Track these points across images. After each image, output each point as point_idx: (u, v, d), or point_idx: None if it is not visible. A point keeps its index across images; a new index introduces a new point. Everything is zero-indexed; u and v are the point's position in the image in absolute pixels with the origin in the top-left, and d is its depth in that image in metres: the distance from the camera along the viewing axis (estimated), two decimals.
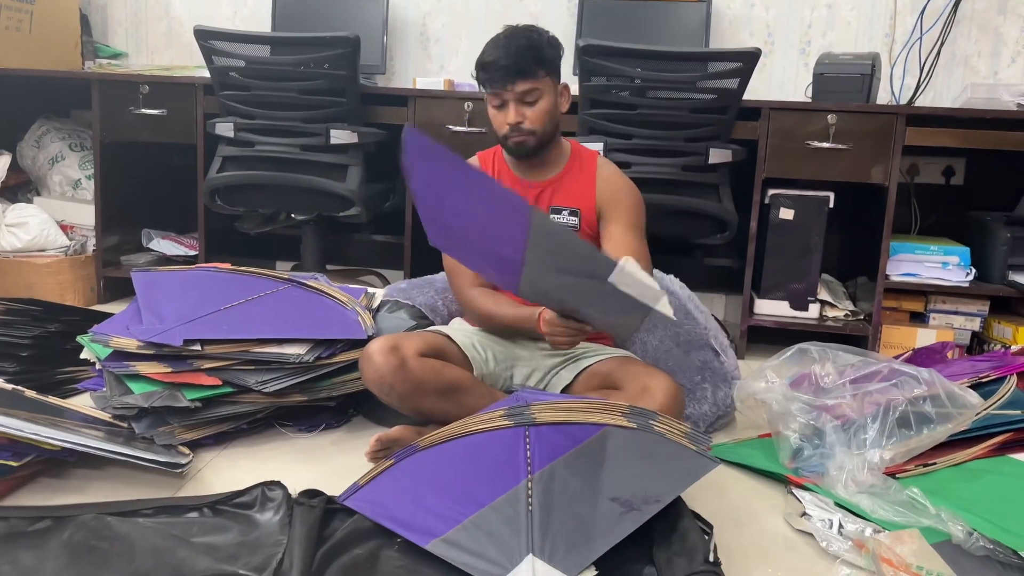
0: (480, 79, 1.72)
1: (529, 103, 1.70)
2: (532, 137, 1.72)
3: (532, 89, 1.69)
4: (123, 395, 1.66)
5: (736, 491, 1.62)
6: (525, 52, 1.67)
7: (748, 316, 2.64)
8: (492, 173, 1.83)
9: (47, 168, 3.05)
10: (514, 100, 1.69)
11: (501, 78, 1.68)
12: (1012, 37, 2.89)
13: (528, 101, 1.70)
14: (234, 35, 2.53)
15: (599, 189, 1.79)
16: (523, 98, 1.69)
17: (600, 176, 1.81)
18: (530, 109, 1.70)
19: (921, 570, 1.19)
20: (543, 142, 1.75)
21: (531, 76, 1.68)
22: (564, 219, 1.78)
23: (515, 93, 1.69)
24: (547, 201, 1.79)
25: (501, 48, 1.67)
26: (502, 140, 1.76)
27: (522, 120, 1.70)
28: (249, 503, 1.40)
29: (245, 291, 1.94)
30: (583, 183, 1.79)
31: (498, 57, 1.67)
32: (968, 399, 1.58)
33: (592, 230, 1.78)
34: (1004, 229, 2.52)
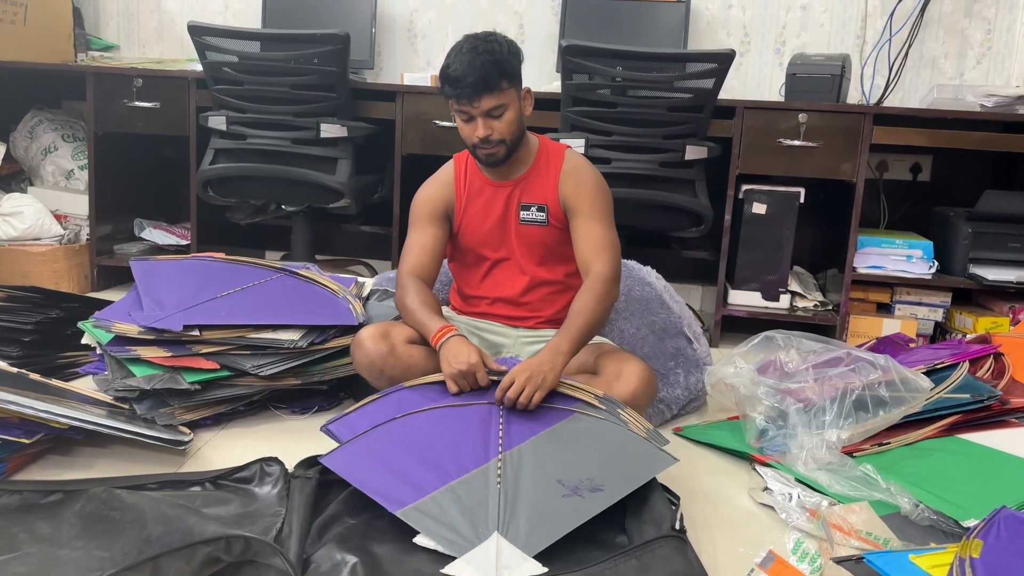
0: (445, 93, 1.73)
1: (496, 116, 1.73)
2: (502, 147, 1.76)
3: (497, 105, 1.71)
4: (125, 378, 1.74)
5: (705, 469, 1.73)
6: (490, 68, 1.68)
7: (722, 306, 2.75)
8: (464, 175, 1.88)
9: (40, 158, 3.11)
10: (481, 115, 1.72)
11: (468, 95, 1.69)
12: (977, 40, 3.01)
13: (495, 115, 1.72)
14: (227, 31, 2.60)
15: (561, 183, 1.83)
16: (490, 112, 1.72)
17: (564, 170, 1.84)
18: (497, 122, 1.73)
19: (869, 536, 1.30)
20: (513, 148, 1.79)
21: (496, 91, 1.70)
22: (533, 215, 1.84)
23: (482, 108, 1.71)
24: (517, 199, 1.85)
25: (466, 64, 1.68)
26: (472, 150, 1.81)
27: (491, 133, 1.73)
28: (248, 478, 1.50)
29: (241, 279, 2.03)
30: (549, 178, 1.85)
31: (463, 74, 1.68)
32: (920, 384, 1.69)
33: (559, 223, 1.85)
34: (966, 224, 2.64)
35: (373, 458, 1.46)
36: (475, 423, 1.54)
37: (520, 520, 1.30)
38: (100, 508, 1.32)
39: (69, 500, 1.38)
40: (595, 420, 1.54)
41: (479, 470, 1.41)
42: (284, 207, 2.88)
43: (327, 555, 1.24)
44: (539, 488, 1.37)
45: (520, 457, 1.44)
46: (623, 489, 1.37)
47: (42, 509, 1.37)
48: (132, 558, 1.15)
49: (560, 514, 1.31)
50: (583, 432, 1.51)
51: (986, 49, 3.01)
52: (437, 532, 1.29)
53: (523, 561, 1.24)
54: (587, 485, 1.37)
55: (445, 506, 1.33)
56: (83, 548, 1.25)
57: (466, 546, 1.26)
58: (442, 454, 1.46)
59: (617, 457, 1.46)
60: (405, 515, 1.32)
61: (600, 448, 1.48)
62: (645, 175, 2.48)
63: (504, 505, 1.33)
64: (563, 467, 1.42)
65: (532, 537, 1.27)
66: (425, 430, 1.53)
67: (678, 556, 1.19)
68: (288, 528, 1.30)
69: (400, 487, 1.38)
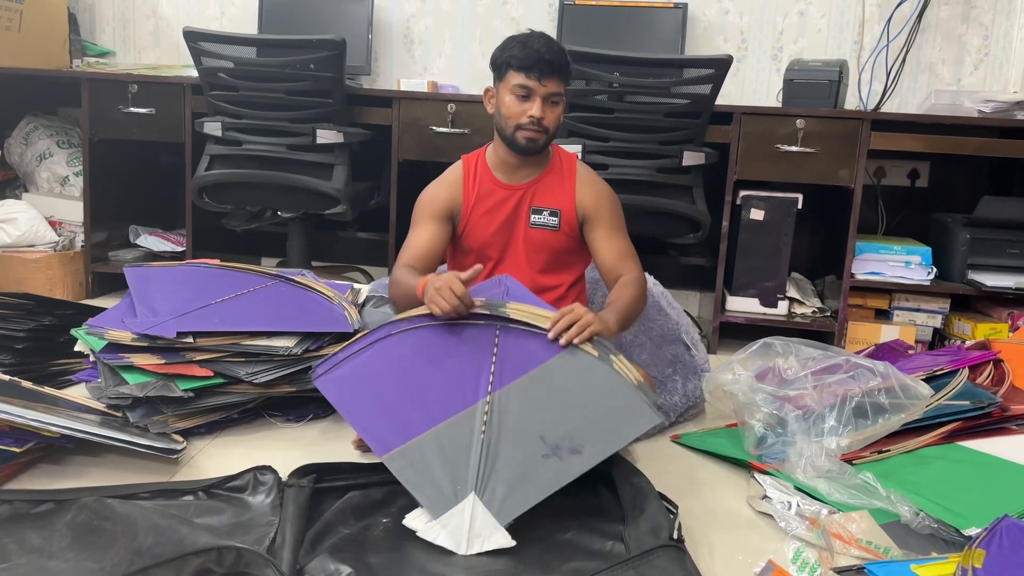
0: (511, 63, 1.73)
1: (554, 103, 1.77)
2: (545, 136, 1.78)
3: (559, 92, 1.76)
4: (118, 385, 1.73)
5: (703, 476, 1.71)
6: (563, 55, 1.75)
7: (720, 312, 2.74)
8: (474, 176, 1.88)
9: (35, 165, 3.09)
10: (542, 96, 1.74)
11: (541, 70, 1.72)
12: (975, 45, 3.01)
13: (554, 101, 1.76)
14: (222, 37, 2.59)
15: (579, 194, 1.86)
16: (551, 97, 1.75)
17: (580, 180, 1.87)
18: (551, 109, 1.76)
19: (870, 544, 1.29)
20: (549, 143, 1.83)
21: (562, 78, 1.76)
22: (545, 219, 1.85)
23: (546, 90, 1.74)
24: (528, 202, 1.86)
25: (544, 44, 1.73)
26: (512, 130, 1.77)
27: (543, 116, 1.75)
28: (242, 487, 1.48)
29: (235, 286, 2.01)
30: (564, 185, 1.86)
31: (541, 50, 1.72)
32: (920, 391, 1.68)
33: (571, 230, 1.86)
34: (964, 230, 2.64)
35: (364, 386, 1.48)
36: (471, 348, 1.53)
37: (498, 482, 1.34)
38: (91, 518, 1.30)
39: (60, 510, 1.36)
40: (588, 358, 1.51)
41: (465, 413, 1.43)
42: (280, 213, 2.87)
43: (321, 566, 1.23)
44: (520, 445, 1.39)
45: (508, 401, 1.45)
46: (602, 452, 1.40)
47: (33, 519, 1.35)
48: (123, 569, 1.14)
49: (538, 478, 1.35)
50: (574, 374, 1.50)
51: (983, 55, 3.01)
52: (418, 485, 1.34)
53: (494, 530, 1.29)
54: (567, 446, 1.39)
55: (428, 455, 1.38)
56: (73, 559, 1.24)
57: (443, 504, 1.31)
58: (433, 384, 1.47)
59: (603, 410, 1.45)
60: (390, 460, 1.38)
61: (588, 397, 1.47)
62: (642, 181, 2.47)
63: (484, 461, 1.36)
64: (547, 420, 1.43)
65: (507, 503, 1.32)
66: (421, 352, 1.54)
67: (676, 566, 1.18)
68: (281, 538, 1.29)
69: (387, 428, 1.43)
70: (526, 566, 1.27)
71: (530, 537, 1.35)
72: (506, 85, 1.76)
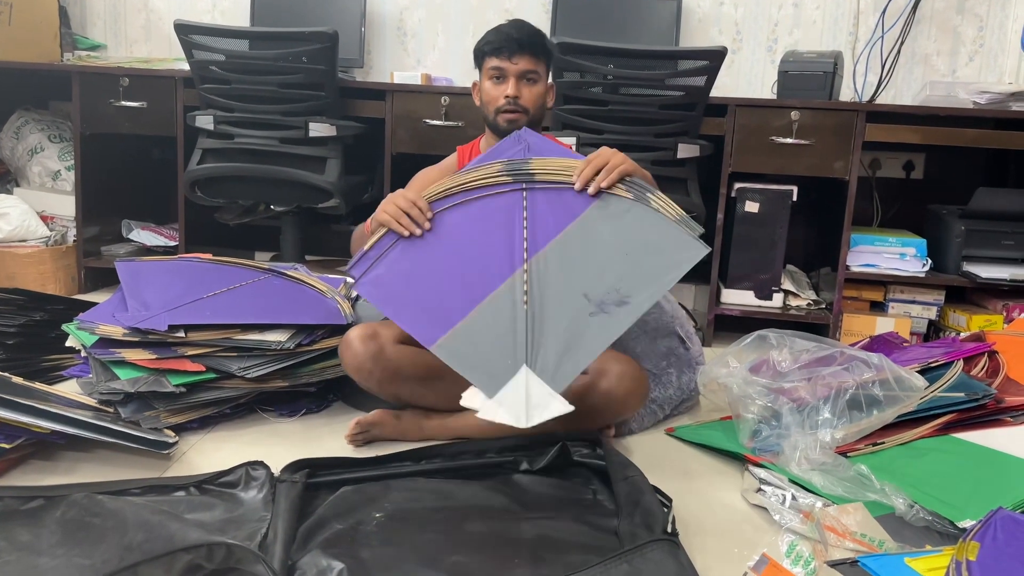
0: (484, 49, 1.78)
1: (529, 81, 1.77)
2: (524, 116, 1.79)
3: (533, 70, 1.77)
4: (109, 381, 1.72)
5: (697, 469, 1.71)
6: (535, 34, 1.77)
7: (715, 305, 2.74)
8: (466, 164, 1.89)
9: (26, 159, 3.07)
10: (515, 75, 1.76)
11: (509, 48, 1.75)
12: (970, 37, 3.00)
13: (529, 78, 1.77)
14: (214, 29, 2.57)
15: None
16: (524, 75, 1.77)
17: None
18: (527, 88, 1.77)
19: (864, 537, 1.28)
20: (532, 126, 1.80)
21: (535, 56, 1.76)
22: None
23: (518, 68, 1.76)
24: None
25: (513, 26, 1.77)
26: (494, 115, 1.80)
27: (519, 95, 1.77)
28: (233, 482, 1.47)
29: (227, 280, 2.00)
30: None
31: (511, 30, 1.76)
32: (915, 382, 1.67)
33: None
34: (959, 222, 2.63)
35: (401, 282, 1.47)
36: (500, 218, 1.50)
37: (548, 350, 1.31)
38: (81, 514, 1.29)
39: (50, 506, 1.35)
40: (623, 202, 1.48)
41: (504, 286, 1.40)
42: (273, 207, 2.85)
43: (313, 561, 1.22)
44: (565, 308, 1.36)
45: (545, 265, 1.42)
46: (651, 297, 1.38)
47: (22, 516, 1.34)
48: (113, 565, 1.12)
49: (587, 339, 1.32)
50: (610, 221, 1.46)
51: (978, 46, 3.00)
52: (469, 368, 1.32)
53: (551, 399, 1.26)
54: (613, 299, 1.36)
55: (474, 337, 1.35)
56: (63, 555, 1.23)
57: (497, 383, 1.29)
58: (468, 264, 1.45)
59: (645, 253, 1.42)
60: (437, 350, 1.36)
61: (627, 243, 1.43)
62: None
63: (531, 332, 1.33)
64: (588, 276, 1.39)
65: (560, 370, 1.30)
66: (450, 234, 1.52)
67: (670, 559, 1.17)
68: (273, 534, 1.28)
69: (429, 319, 1.40)
70: (520, 560, 1.26)
71: (523, 531, 1.35)
72: (484, 72, 1.79)
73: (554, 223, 1.47)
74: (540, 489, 1.52)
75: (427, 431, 1.72)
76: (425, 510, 1.41)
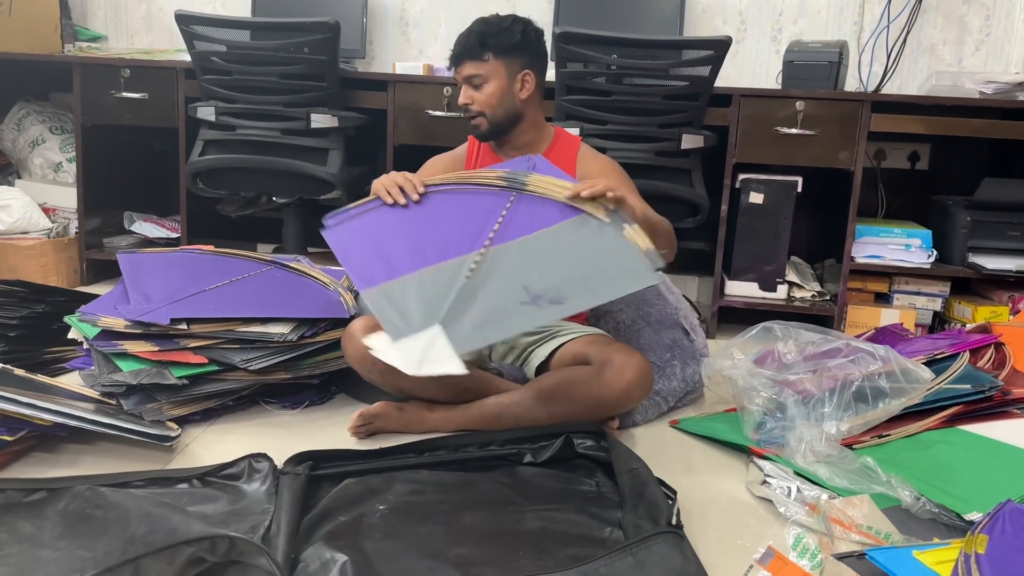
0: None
1: (475, 86, 1.79)
2: (483, 120, 1.81)
3: (476, 73, 1.78)
4: (112, 373, 1.71)
5: (702, 461, 1.70)
6: (474, 36, 1.77)
7: (719, 297, 2.72)
8: (476, 154, 1.91)
9: (28, 151, 3.06)
10: (463, 82, 1.81)
11: (453, 60, 1.81)
12: (976, 26, 2.97)
13: (475, 84, 1.79)
14: (215, 20, 2.55)
15: (580, 167, 1.85)
16: (470, 81, 1.79)
17: (581, 156, 1.88)
18: (476, 92, 1.79)
19: (870, 530, 1.28)
20: (497, 125, 1.82)
21: (475, 59, 1.77)
22: None
23: (463, 76, 1.80)
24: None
25: (463, 32, 1.80)
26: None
27: (470, 101, 1.80)
28: (236, 474, 1.46)
29: (229, 272, 1.99)
30: (563, 161, 1.84)
31: (459, 40, 1.80)
32: (921, 374, 1.67)
33: None
34: (964, 213, 2.62)
35: (366, 236, 1.51)
36: (480, 211, 1.54)
37: (467, 318, 1.33)
38: (83, 507, 1.28)
39: (52, 498, 1.34)
40: (598, 223, 1.49)
41: (456, 260, 1.43)
42: (275, 199, 2.84)
43: (316, 553, 1.21)
44: (502, 290, 1.38)
45: (502, 256, 1.45)
46: (583, 304, 1.41)
47: (24, 508, 1.33)
48: (115, 558, 1.12)
49: (508, 320, 1.34)
50: (579, 236, 1.48)
51: (985, 35, 2.98)
52: (387, 316, 1.34)
53: (448, 359, 1.27)
54: (549, 296, 1.37)
55: (408, 292, 1.38)
56: (65, 548, 1.22)
57: (406, 332, 1.31)
58: (432, 238, 1.49)
59: (598, 269, 1.43)
60: (368, 296, 1.38)
61: (586, 257, 1.45)
62: (641, 164, 2.45)
63: (460, 300, 1.35)
64: (538, 273, 1.41)
65: (469, 336, 1.31)
66: (432, 212, 1.56)
67: (675, 552, 1.16)
68: (276, 526, 1.27)
69: (376, 267, 1.44)
70: (524, 552, 1.26)
71: (527, 523, 1.34)
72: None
73: (527, 226, 1.51)
74: (543, 482, 1.51)
75: (430, 423, 1.72)
76: (428, 502, 1.41)
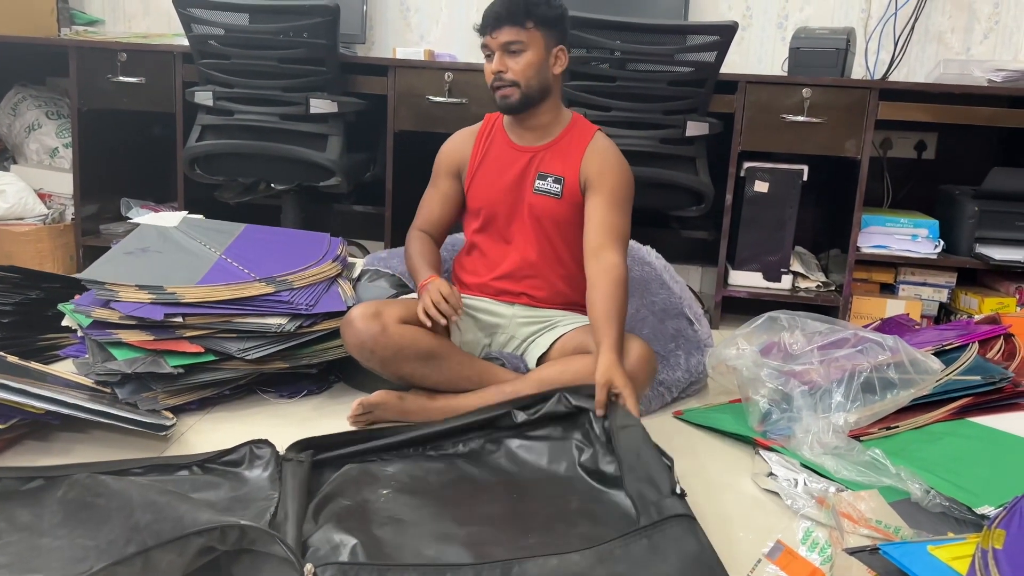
0: (476, 30, 1.76)
1: (513, 52, 1.71)
2: (516, 90, 1.73)
3: (516, 40, 1.70)
4: (106, 361, 1.68)
5: (707, 453, 1.67)
6: (518, 3, 1.69)
7: (723, 287, 2.69)
8: (488, 133, 1.87)
9: (23, 136, 3.02)
10: (499, 49, 1.72)
11: (490, 24, 1.71)
12: (985, 14, 2.93)
13: (512, 50, 1.71)
14: (213, 3, 2.51)
15: (586, 160, 1.79)
16: (507, 47, 1.71)
17: (591, 148, 1.81)
18: (513, 59, 1.71)
19: (879, 524, 1.25)
20: (529, 98, 1.75)
21: (517, 25, 1.69)
22: (548, 186, 1.80)
23: (500, 42, 1.71)
24: (536, 166, 1.81)
25: (498, 1, 1.72)
26: (494, 95, 1.77)
27: (504, 70, 1.71)
28: (237, 461, 1.44)
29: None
30: (573, 153, 1.81)
31: (493, 4, 1.72)
32: (930, 365, 1.64)
33: (573, 200, 1.79)
34: (972, 203, 2.58)
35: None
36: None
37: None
38: (83, 494, 1.26)
39: (50, 487, 1.32)
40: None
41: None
42: (273, 185, 2.81)
43: (325, 537, 1.19)
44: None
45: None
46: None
47: (22, 496, 1.31)
48: (119, 546, 1.10)
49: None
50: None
51: (994, 23, 2.93)
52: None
53: None
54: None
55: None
56: (66, 536, 1.20)
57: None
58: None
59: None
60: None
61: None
62: (645, 152, 2.41)
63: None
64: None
65: None
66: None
67: (689, 537, 1.14)
68: (283, 512, 1.25)
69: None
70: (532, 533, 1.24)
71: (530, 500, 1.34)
72: (484, 54, 1.77)
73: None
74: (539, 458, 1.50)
75: (431, 412, 1.69)
76: (432, 485, 1.40)
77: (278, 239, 2.12)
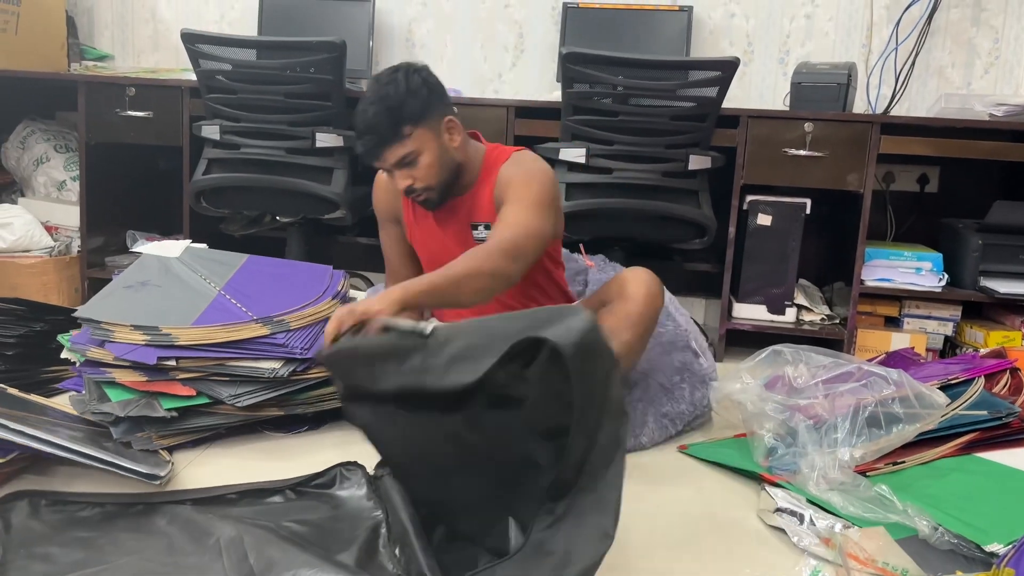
0: (360, 158, 1.65)
1: (408, 164, 1.61)
2: (431, 191, 1.66)
3: (405, 154, 1.59)
4: (101, 401, 1.66)
5: (711, 488, 1.65)
6: (383, 118, 1.56)
7: (727, 320, 2.68)
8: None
9: (32, 169, 3.05)
10: (394, 167, 1.61)
11: (371, 152, 1.60)
12: (985, 49, 2.95)
13: (407, 163, 1.60)
14: (221, 39, 2.55)
15: (496, 194, 1.69)
16: (402, 162, 1.60)
17: (497, 182, 1.69)
18: (412, 170, 1.62)
19: (887, 566, 1.23)
20: (446, 186, 1.67)
21: (396, 141, 1.58)
22: (482, 233, 1.73)
23: (390, 164, 1.61)
24: (466, 219, 1.75)
25: (360, 118, 1.58)
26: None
27: (412, 182, 1.63)
28: (328, 483, 1.50)
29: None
30: (488, 193, 1.73)
31: (360, 131, 1.59)
32: (936, 399, 1.62)
33: None
34: (976, 236, 2.58)
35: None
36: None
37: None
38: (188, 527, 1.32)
39: (151, 512, 1.39)
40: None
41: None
42: (278, 218, 2.82)
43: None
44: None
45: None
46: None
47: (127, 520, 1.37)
48: None
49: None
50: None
51: (994, 58, 2.96)
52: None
53: None
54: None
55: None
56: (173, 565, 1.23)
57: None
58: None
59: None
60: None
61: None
62: (647, 185, 2.42)
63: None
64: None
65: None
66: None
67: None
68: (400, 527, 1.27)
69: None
70: None
71: None
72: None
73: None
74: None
75: None
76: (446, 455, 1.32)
77: (280, 272, 2.11)
